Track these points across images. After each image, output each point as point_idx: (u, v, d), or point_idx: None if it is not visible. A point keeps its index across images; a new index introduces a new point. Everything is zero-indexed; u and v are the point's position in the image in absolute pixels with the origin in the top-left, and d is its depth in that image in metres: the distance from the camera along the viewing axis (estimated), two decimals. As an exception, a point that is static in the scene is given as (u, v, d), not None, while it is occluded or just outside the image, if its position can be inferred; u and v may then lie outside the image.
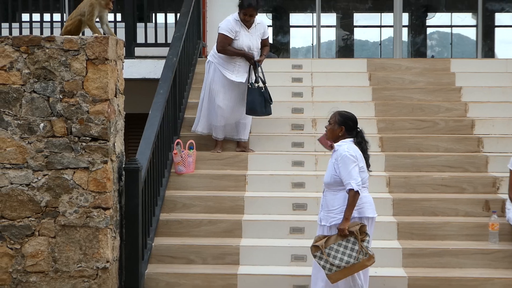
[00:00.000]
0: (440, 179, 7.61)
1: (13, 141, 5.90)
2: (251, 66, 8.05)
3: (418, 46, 15.96)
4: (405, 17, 14.92)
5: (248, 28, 8.07)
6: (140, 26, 9.98)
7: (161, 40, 9.77)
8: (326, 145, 6.12)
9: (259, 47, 8.21)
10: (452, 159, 7.90)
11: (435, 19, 16.42)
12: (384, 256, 6.48)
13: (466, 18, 16.13)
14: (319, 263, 5.54)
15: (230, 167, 7.91)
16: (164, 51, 9.01)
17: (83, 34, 6.48)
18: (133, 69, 9.45)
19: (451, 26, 16.43)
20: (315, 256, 5.58)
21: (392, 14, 11.69)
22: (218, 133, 8.14)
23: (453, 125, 8.47)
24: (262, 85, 8.01)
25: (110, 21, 8.63)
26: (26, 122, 5.89)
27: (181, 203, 7.32)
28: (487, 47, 13.15)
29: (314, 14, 12.36)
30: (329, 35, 16.10)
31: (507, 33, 15.68)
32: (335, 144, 5.66)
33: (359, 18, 16.79)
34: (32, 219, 5.92)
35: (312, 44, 15.16)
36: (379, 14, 16.66)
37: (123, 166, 6.22)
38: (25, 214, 5.92)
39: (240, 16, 8.01)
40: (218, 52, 8.05)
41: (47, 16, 9.94)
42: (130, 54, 9.51)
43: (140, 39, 9.91)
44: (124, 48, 6.47)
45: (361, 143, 5.65)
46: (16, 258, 5.94)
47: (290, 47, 16.23)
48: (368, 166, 5.72)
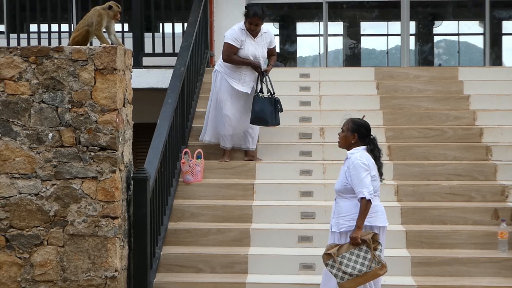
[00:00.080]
0: (449, 188, 7.59)
1: (22, 151, 5.92)
2: (259, 75, 8.06)
3: (426, 55, 15.95)
4: (412, 26, 14.92)
5: (254, 37, 8.09)
6: (148, 36, 10.02)
7: (169, 50, 9.81)
8: None
9: (265, 56, 8.23)
10: (461, 168, 7.89)
11: (442, 27, 16.40)
12: (393, 265, 6.46)
13: (473, 26, 16.11)
14: (331, 272, 5.48)
15: (238, 176, 7.92)
16: (172, 61, 9.03)
17: (91, 44, 6.50)
18: (141, 79, 9.47)
19: (458, 34, 16.41)
20: (327, 265, 5.51)
21: (399, 23, 11.69)
22: (226, 142, 8.15)
23: (462, 134, 8.46)
24: (267, 95, 8.02)
25: (118, 31, 8.69)
26: (35, 132, 5.91)
27: (189, 212, 7.32)
28: (495, 55, 13.13)
29: (321, 23, 12.37)
30: (336, 44, 16.10)
31: (515, 41, 15.67)
32: (348, 152, 5.64)
33: (366, 27, 16.78)
34: (41, 229, 5.93)
35: (319, 53, 15.15)
36: (386, 23, 16.65)
37: (132, 176, 6.23)
38: (34, 224, 5.93)
39: (246, 25, 8.03)
40: (224, 61, 8.07)
41: (55, 27, 9.99)
42: (138, 64, 9.54)
43: (148, 49, 9.95)
44: (132, 58, 6.49)
45: (374, 151, 5.62)
46: (25, 267, 5.95)
47: (297, 56, 16.24)
48: (381, 175, 5.69)
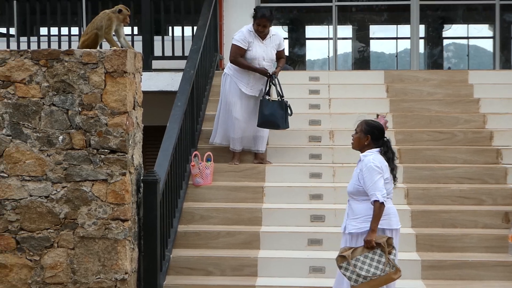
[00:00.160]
0: (459, 191, 7.57)
1: (33, 154, 5.93)
2: (268, 78, 8.06)
3: (435, 58, 15.93)
4: (422, 29, 14.91)
5: (263, 40, 8.09)
6: (157, 39, 10.05)
7: (178, 53, 9.84)
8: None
9: (274, 59, 8.23)
10: (471, 171, 7.87)
11: (452, 31, 16.39)
12: (403, 268, 6.37)
13: (483, 30, 16.09)
14: (345, 275, 5.42)
15: (248, 179, 7.91)
16: (181, 64, 9.05)
17: (101, 48, 6.52)
18: (151, 82, 9.49)
19: (468, 38, 16.39)
20: (341, 267, 5.44)
21: (408, 26, 11.67)
22: (236, 145, 8.16)
23: (472, 137, 8.44)
24: (277, 98, 8.02)
25: (128, 34, 8.71)
26: (45, 135, 5.93)
27: (199, 215, 7.33)
28: (505, 58, 13.09)
29: (331, 27, 12.36)
30: (345, 47, 16.11)
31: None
32: (361, 154, 5.62)
33: (375, 30, 16.79)
34: (51, 231, 5.94)
35: (328, 56, 15.18)
36: (395, 26, 16.66)
37: (141, 178, 6.23)
38: (44, 226, 5.94)
39: (254, 27, 8.05)
40: (231, 63, 8.11)
41: (65, 30, 10.02)
42: (148, 67, 9.56)
43: (157, 52, 9.97)
44: (142, 61, 6.50)
45: (387, 153, 5.59)
46: (35, 270, 5.96)
47: (306, 59, 16.25)
48: (395, 178, 5.66)
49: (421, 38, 14.32)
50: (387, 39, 17.01)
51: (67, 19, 9.97)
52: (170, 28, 10.24)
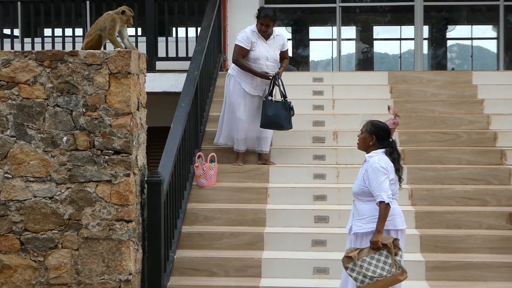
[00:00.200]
0: (463, 192, 7.56)
1: (37, 155, 5.94)
2: (272, 79, 8.07)
3: (439, 59, 15.91)
4: (425, 30, 14.89)
5: (266, 40, 8.10)
6: (161, 40, 10.05)
7: (182, 54, 9.85)
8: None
9: (277, 59, 8.24)
10: (475, 172, 7.86)
11: (455, 32, 16.37)
12: (407, 269, 6.37)
13: (487, 31, 16.07)
14: (351, 275, 5.39)
15: (252, 180, 7.92)
16: (185, 65, 9.06)
17: (105, 49, 6.52)
18: (155, 83, 9.50)
19: (472, 39, 16.37)
20: (347, 268, 5.42)
21: (412, 27, 11.67)
22: (240, 145, 8.16)
23: (476, 138, 8.43)
24: (280, 99, 8.02)
25: (132, 35, 8.71)
26: (50, 136, 5.93)
27: (203, 216, 7.32)
28: (509, 59, 13.06)
29: (334, 27, 12.36)
30: (349, 48, 16.11)
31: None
32: (366, 155, 5.61)
33: (379, 31, 16.77)
34: (55, 232, 5.95)
35: (332, 57, 15.16)
36: (399, 27, 16.64)
37: (145, 179, 6.24)
38: (48, 227, 5.95)
39: (257, 27, 8.06)
40: (233, 63, 8.15)
41: (69, 31, 10.03)
42: (152, 68, 9.57)
43: (161, 53, 9.98)
44: (146, 62, 6.50)
45: (393, 154, 5.58)
46: (40, 271, 5.97)
47: (310, 60, 16.24)
48: (400, 179, 5.64)
49: (425, 39, 14.31)
50: (391, 40, 16.99)
51: (71, 20, 9.99)
52: (174, 29, 10.25)
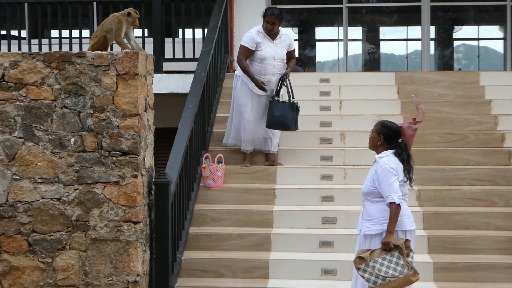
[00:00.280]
0: (471, 193, 7.54)
1: (45, 156, 5.95)
2: (280, 80, 8.07)
3: (446, 59, 15.89)
4: (432, 30, 14.87)
5: (273, 39, 8.10)
6: (168, 41, 10.06)
7: (189, 55, 9.85)
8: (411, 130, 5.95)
9: (284, 59, 8.23)
10: (483, 173, 7.84)
11: (462, 32, 16.35)
12: (415, 270, 6.43)
13: (494, 31, 16.04)
14: (363, 276, 5.37)
15: (259, 181, 7.91)
16: (191, 66, 9.06)
17: (112, 50, 6.53)
18: (161, 84, 9.50)
19: (478, 39, 16.34)
20: (359, 269, 5.39)
21: (419, 28, 11.65)
22: (247, 146, 8.16)
23: (483, 138, 8.41)
24: (282, 99, 8.02)
25: (138, 37, 8.73)
26: (57, 137, 5.94)
27: (210, 217, 7.32)
28: (516, 60, 13.04)
29: (341, 28, 12.36)
30: (355, 49, 16.10)
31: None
32: (376, 156, 5.61)
33: (385, 32, 16.76)
34: (63, 233, 5.95)
35: (338, 58, 15.16)
36: (405, 28, 16.63)
37: (153, 180, 6.24)
38: (56, 228, 5.95)
39: (264, 26, 8.06)
40: (236, 62, 8.16)
41: (76, 32, 10.05)
42: (159, 69, 9.57)
43: (168, 54, 9.98)
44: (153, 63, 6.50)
45: (401, 155, 5.56)
46: (47, 272, 5.97)
47: (316, 61, 16.23)
48: (410, 180, 5.61)
49: (432, 40, 14.29)
50: (397, 41, 16.97)
51: (78, 22, 10.01)
52: (181, 30, 10.25)
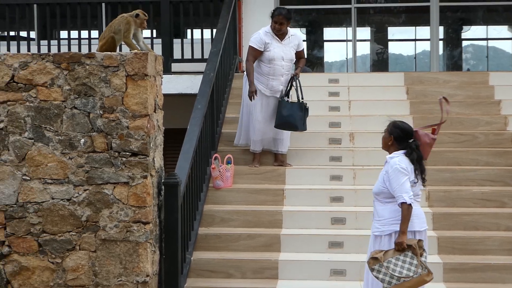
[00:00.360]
0: (480, 193, 7.52)
1: (54, 157, 5.96)
2: (290, 80, 8.07)
3: (455, 60, 15.85)
4: (441, 30, 14.83)
5: (281, 40, 8.09)
6: (177, 42, 10.07)
7: (198, 56, 9.86)
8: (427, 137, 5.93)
9: (293, 59, 8.23)
10: (493, 173, 7.81)
11: (471, 32, 16.30)
12: (426, 271, 6.41)
13: (502, 31, 15.97)
14: (378, 277, 5.34)
15: (268, 182, 7.91)
16: (200, 67, 9.07)
17: (120, 51, 6.53)
18: (170, 85, 9.51)
19: (487, 39, 16.28)
20: (373, 270, 5.36)
21: (427, 28, 11.62)
22: (256, 146, 8.17)
23: (493, 139, 8.38)
24: (291, 99, 8.02)
25: (147, 37, 8.74)
26: (67, 138, 5.95)
27: (220, 218, 7.32)
28: (525, 60, 13.02)
29: (349, 29, 12.34)
30: (364, 49, 16.06)
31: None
32: (387, 156, 5.60)
33: (394, 32, 16.72)
34: (73, 234, 5.96)
35: (347, 58, 15.14)
36: (414, 28, 16.58)
37: (163, 181, 6.24)
38: (66, 229, 5.96)
39: (272, 26, 8.06)
40: (245, 62, 8.17)
41: (85, 33, 10.07)
42: (167, 70, 9.58)
43: (177, 55, 9.99)
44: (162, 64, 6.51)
45: (411, 155, 5.55)
46: (57, 272, 5.98)
47: (324, 61, 16.22)
48: (423, 180, 5.60)
49: (440, 40, 14.26)
50: (406, 41, 16.92)
51: (87, 23, 10.03)
52: (189, 31, 10.26)
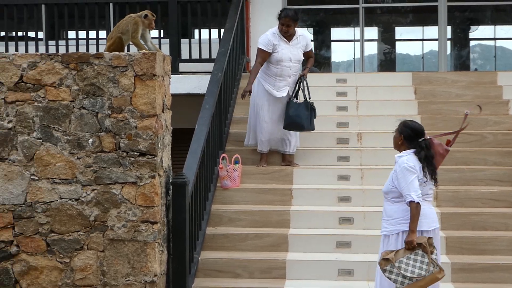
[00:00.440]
0: (489, 193, 7.50)
1: (63, 157, 5.97)
2: (298, 80, 8.07)
3: (463, 59, 15.81)
4: (448, 30, 14.80)
5: (289, 41, 8.08)
6: (184, 42, 10.07)
7: (205, 56, 9.86)
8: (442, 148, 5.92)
9: (301, 60, 8.22)
10: (501, 173, 7.79)
11: (478, 32, 16.26)
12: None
13: (510, 31, 15.93)
14: (390, 278, 5.32)
15: (276, 181, 7.91)
16: (208, 67, 9.07)
17: (128, 51, 6.54)
18: (178, 85, 9.51)
19: (495, 39, 16.24)
20: (385, 271, 5.34)
21: (434, 28, 11.60)
22: (263, 147, 8.17)
23: (502, 139, 8.36)
24: (301, 100, 8.01)
25: (155, 37, 8.74)
26: (75, 138, 5.96)
27: (227, 217, 7.33)
28: (533, 60, 12.98)
29: (357, 28, 12.33)
30: (371, 49, 16.04)
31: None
32: (396, 156, 5.61)
33: (401, 32, 16.69)
34: (81, 233, 5.97)
35: (354, 58, 15.13)
36: (421, 28, 16.55)
37: (171, 181, 6.25)
38: (74, 228, 5.97)
39: (279, 28, 8.05)
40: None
41: (92, 33, 10.09)
42: (175, 70, 9.58)
43: (185, 55, 10.00)
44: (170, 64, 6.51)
45: (420, 154, 5.54)
46: (65, 272, 5.99)
47: (332, 61, 16.20)
48: (436, 181, 5.59)
49: (448, 40, 14.24)
50: (413, 41, 16.89)
51: (95, 23, 10.05)
52: (197, 31, 10.26)
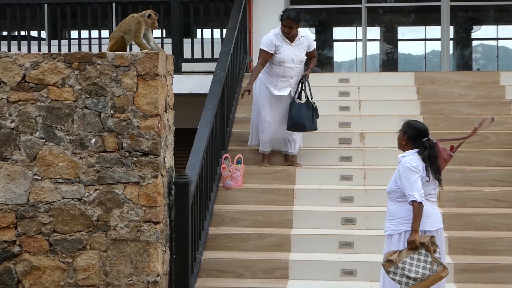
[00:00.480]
0: (491, 194, 7.49)
1: (65, 156, 5.96)
2: (301, 81, 8.06)
3: (465, 59, 15.81)
4: (451, 30, 14.79)
5: (291, 42, 8.07)
6: (187, 42, 10.06)
7: (208, 56, 9.85)
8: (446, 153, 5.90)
9: (303, 60, 8.21)
10: (504, 173, 7.79)
11: (481, 32, 16.26)
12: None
13: (512, 31, 15.94)
14: (394, 279, 5.32)
15: (278, 181, 7.90)
16: (210, 66, 9.06)
17: (131, 50, 6.53)
18: (181, 84, 9.50)
19: (497, 39, 16.24)
20: (389, 272, 5.34)
21: (437, 27, 11.60)
22: (265, 147, 8.16)
23: (504, 139, 8.35)
24: (303, 101, 8.00)
25: (157, 37, 8.74)
26: (78, 138, 5.95)
27: (230, 217, 7.32)
28: (535, 60, 12.97)
29: (359, 28, 12.32)
30: (373, 49, 16.04)
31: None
32: (399, 155, 5.60)
33: (404, 32, 16.69)
34: (84, 233, 5.97)
35: (356, 58, 15.13)
36: (423, 28, 16.56)
37: (173, 181, 6.24)
38: (77, 228, 5.97)
39: (281, 29, 8.04)
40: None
41: (95, 33, 10.09)
42: (178, 70, 9.57)
43: (187, 55, 9.99)
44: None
45: (423, 153, 5.53)
46: (68, 272, 5.99)
47: (334, 61, 16.20)
48: (440, 181, 5.58)
49: (450, 39, 14.23)
50: (416, 41, 16.89)
51: (98, 22, 10.05)
52: (200, 31, 10.26)
